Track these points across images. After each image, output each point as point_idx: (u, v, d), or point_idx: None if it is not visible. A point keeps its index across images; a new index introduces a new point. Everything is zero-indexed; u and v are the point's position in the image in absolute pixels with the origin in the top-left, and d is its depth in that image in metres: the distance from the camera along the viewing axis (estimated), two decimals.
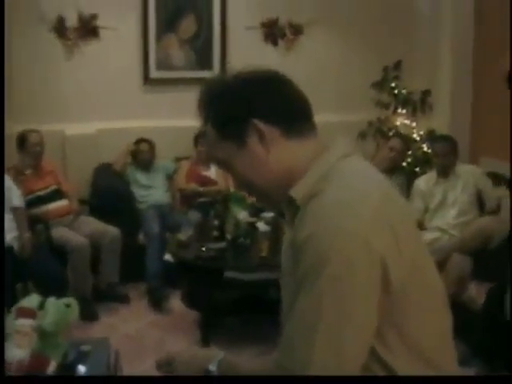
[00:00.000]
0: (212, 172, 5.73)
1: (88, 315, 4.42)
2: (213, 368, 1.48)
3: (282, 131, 1.35)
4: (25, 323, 1.91)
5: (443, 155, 4.97)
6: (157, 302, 4.84)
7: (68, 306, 2.09)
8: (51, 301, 2.07)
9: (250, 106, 1.34)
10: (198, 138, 5.66)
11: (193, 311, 4.51)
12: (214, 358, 1.51)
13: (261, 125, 1.33)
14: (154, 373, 4.22)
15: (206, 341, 4.23)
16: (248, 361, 1.69)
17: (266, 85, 1.37)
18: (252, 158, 1.35)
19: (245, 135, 1.34)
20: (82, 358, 2.17)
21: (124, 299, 4.94)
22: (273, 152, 1.34)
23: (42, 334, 2.02)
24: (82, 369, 2.11)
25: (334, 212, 1.23)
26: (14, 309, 2.01)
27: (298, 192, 1.33)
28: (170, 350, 4.28)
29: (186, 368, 1.57)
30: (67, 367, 2.06)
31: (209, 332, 4.27)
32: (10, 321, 1.98)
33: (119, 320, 4.59)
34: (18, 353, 1.86)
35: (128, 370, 2.08)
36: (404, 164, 5.77)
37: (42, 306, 2.05)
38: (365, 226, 1.21)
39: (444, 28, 6.24)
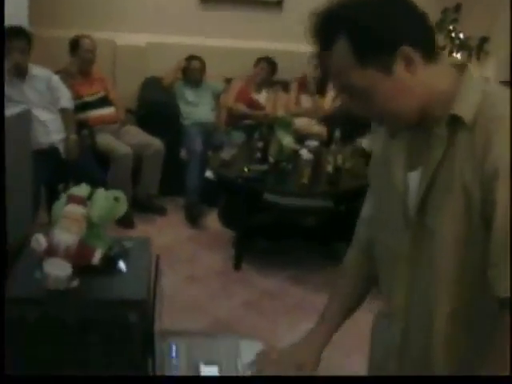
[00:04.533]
0: (262, 96, 5.70)
1: (125, 222, 4.49)
2: None
3: (423, 55, 1.28)
4: (75, 210, 1.93)
5: None
6: (193, 218, 4.90)
7: (116, 199, 2.11)
8: (101, 192, 2.09)
9: (398, 30, 1.25)
10: (260, 61, 5.63)
11: (228, 230, 4.56)
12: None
13: (409, 50, 1.25)
14: (185, 284, 4.31)
15: (238, 260, 4.29)
16: None
17: (405, 3, 1.28)
18: (397, 86, 1.28)
19: (392, 62, 1.25)
20: (124, 253, 2.19)
21: (161, 211, 5.01)
22: (417, 77, 1.28)
23: (89, 224, 2.04)
24: (122, 265, 2.13)
25: None
26: (64, 195, 2.03)
27: (463, 110, 1.26)
28: (202, 265, 4.37)
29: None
30: (111, 260, 2.09)
31: (242, 252, 4.32)
32: (58, 206, 2.01)
33: (155, 231, 4.66)
34: (66, 237, 1.89)
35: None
36: None
37: (90, 197, 2.07)
38: None
39: None
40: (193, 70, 5.53)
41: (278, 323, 3.70)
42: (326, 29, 1.30)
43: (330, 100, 5.68)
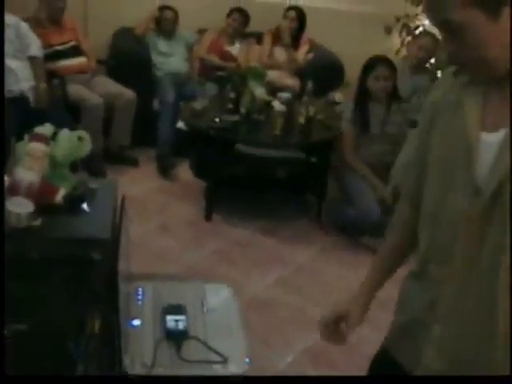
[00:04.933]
0: (235, 48, 5.65)
1: (96, 172, 4.45)
2: None
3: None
4: (37, 147, 1.92)
5: None
6: (165, 169, 4.88)
7: (80, 139, 2.09)
8: (64, 132, 2.07)
9: None
10: (232, 12, 5.58)
11: (199, 181, 4.56)
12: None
13: None
14: (156, 234, 4.30)
15: (209, 211, 4.30)
16: None
17: None
18: (499, 32, 1.20)
19: (500, 8, 1.17)
20: (89, 194, 2.18)
21: (133, 162, 4.98)
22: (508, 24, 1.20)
23: (53, 164, 2.03)
24: (85, 206, 2.11)
25: None
26: (27, 134, 2.01)
27: None
28: (174, 215, 4.36)
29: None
30: (75, 200, 2.07)
31: (213, 202, 4.33)
32: (21, 146, 1.99)
33: (127, 181, 4.62)
34: (28, 175, 1.88)
35: (132, 230, 2.10)
36: (427, 65, 5.64)
37: (54, 137, 2.06)
38: None
39: None
40: (165, 20, 5.45)
41: (249, 273, 3.73)
42: None
43: (303, 53, 5.65)
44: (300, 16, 5.62)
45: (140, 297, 2.19)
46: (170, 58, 5.43)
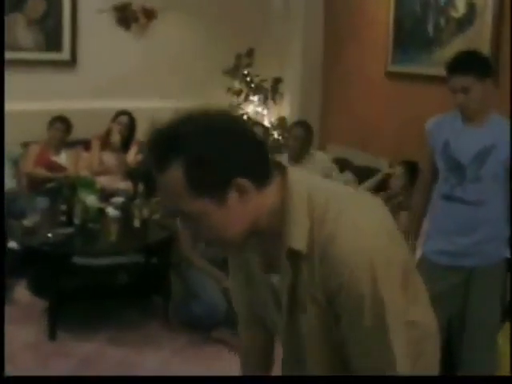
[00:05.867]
0: (62, 157, 5.59)
1: None
2: None
3: (257, 183, 1.29)
4: None
5: (299, 139, 5.12)
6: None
7: None
8: None
9: (233, 163, 1.26)
10: (53, 122, 5.52)
11: (40, 300, 4.37)
12: None
13: (244, 182, 1.27)
14: None
15: (53, 329, 4.11)
16: None
17: (238, 135, 1.30)
18: (229, 215, 1.29)
19: (226, 193, 1.27)
20: None
21: None
22: (250, 204, 1.29)
23: None
24: None
25: (358, 256, 1.29)
26: None
27: (298, 243, 1.32)
28: (15, 342, 4.12)
29: None
30: None
31: (57, 319, 4.14)
32: None
33: None
34: None
35: None
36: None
37: None
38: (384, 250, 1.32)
39: (296, 20, 6.43)
40: None
41: None
42: (161, 150, 1.28)
43: (133, 154, 5.69)
44: (130, 120, 5.69)
45: None
46: None
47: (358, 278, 1.27)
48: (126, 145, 5.67)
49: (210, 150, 1.24)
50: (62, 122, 5.59)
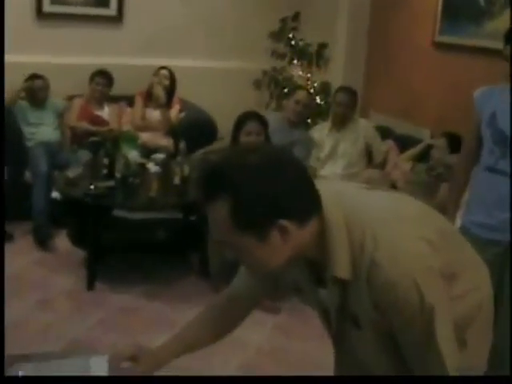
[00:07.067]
0: (105, 112, 5.63)
1: None
2: None
3: (298, 223, 1.33)
4: None
5: (344, 105, 5.07)
6: (42, 240, 4.75)
7: None
8: None
9: (277, 206, 1.30)
10: (94, 76, 5.55)
11: (79, 250, 4.47)
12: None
13: (286, 223, 1.31)
14: (35, 310, 4.15)
15: (91, 280, 4.21)
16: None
17: (284, 177, 1.32)
18: (271, 250, 1.34)
19: (268, 232, 1.31)
20: None
21: (7, 238, 4.81)
22: (290, 242, 1.34)
23: None
24: None
25: (401, 278, 1.32)
26: None
27: (342, 272, 1.37)
28: (54, 288, 4.23)
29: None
30: None
31: (95, 271, 4.25)
32: None
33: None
34: None
35: (9, 309, 2.04)
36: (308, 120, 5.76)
37: None
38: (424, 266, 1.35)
39: None
40: (36, 90, 5.34)
41: (137, 339, 3.66)
42: (210, 184, 1.34)
43: (175, 112, 5.72)
44: (171, 75, 5.72)
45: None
46: (39, 128, 5.33)
47: (406, 299, 1.32)
48: (168, 101, 5.69)
49: (254, 193, 1.28)
50: (102, 77, 5.59)
